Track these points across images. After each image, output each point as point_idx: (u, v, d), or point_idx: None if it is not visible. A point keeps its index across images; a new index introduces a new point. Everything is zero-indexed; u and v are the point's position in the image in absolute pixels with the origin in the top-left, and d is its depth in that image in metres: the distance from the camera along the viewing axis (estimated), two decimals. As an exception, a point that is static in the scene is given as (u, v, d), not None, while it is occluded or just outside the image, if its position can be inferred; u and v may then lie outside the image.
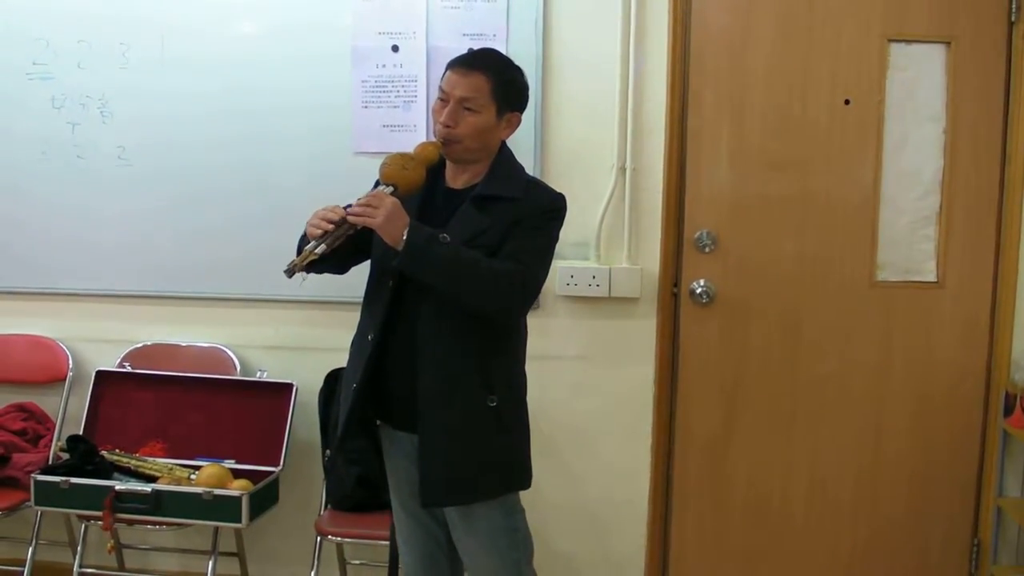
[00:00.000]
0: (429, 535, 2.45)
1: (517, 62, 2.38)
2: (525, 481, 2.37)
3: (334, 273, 2.38)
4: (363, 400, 2.33)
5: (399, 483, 2.46)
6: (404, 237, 2.09)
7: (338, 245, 2.14)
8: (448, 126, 2.22)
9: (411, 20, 3.15)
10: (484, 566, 2.36)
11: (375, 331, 2.28)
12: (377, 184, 2.23)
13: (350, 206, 2.16)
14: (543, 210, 2.27)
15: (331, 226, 2.11)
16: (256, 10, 3.23)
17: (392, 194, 2.16)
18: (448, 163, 2.32)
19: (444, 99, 2.24)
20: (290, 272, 2.12)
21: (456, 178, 2.31)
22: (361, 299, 2.42)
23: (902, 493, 3.20)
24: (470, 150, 2.25)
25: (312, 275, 2.27)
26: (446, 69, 2.27)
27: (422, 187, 2.23)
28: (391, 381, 2.31)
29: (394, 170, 2.17)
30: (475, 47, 3.01)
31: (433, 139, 2.27)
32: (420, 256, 2.11)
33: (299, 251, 2.22)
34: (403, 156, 2.20)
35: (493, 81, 2.24)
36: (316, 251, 2.10)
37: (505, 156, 2.33)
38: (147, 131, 3.28)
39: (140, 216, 3.31)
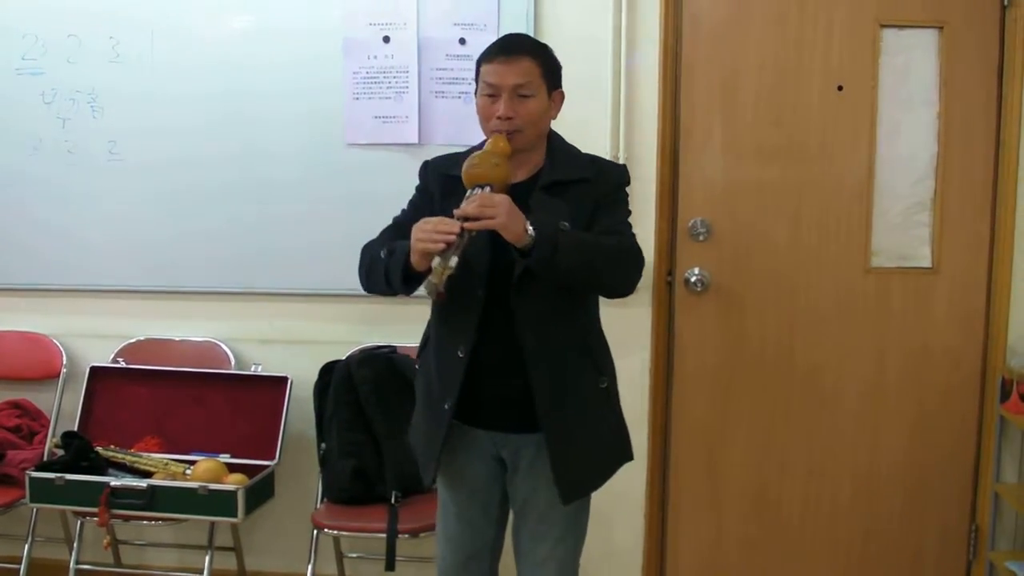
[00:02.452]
0: (477, 534, 2.38)
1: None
2: (631, 452, 2.40)
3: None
4: (454, 416, 2.23)
5: (460, 481, 2.35)
6: (530, 232, 2.01)
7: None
8: (509, 117, 2.14)
9: (402, 10, 3.13)
10: (550, 557, 2.32)
11: (466, 344, 2.17)
12: (451, 190, 2.14)
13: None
14: (619, 185, 2.29)
15: (453, 238, 2.00)
16: (246, 2, 3.21)
17: None
18: None
19: (493, 93, 2.16)
20: (433, 293, 2.02)
21: (514, 172, 2.18)
22: (355, 291, 2.39)
23: (899, 480, 3.20)
24: (530, 138, 2.19)
25: (304, 266, 2.22)
26: (481, 63, 2.20)
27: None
28: (489, 386, 2.21)
29: (486, 169, 2.08)
30: (467, 37, 3.00)
31: (493, 135, 2.17)
32: (554, 246, 2.02)
33: (387, 274, 2.13)
34: (490, 154, 2.11)
35: (540, 63, 2.19)
36: (450, 264, 1.99)
37: (556, 138, 2.29)
38: (138, 125, 3.26)
39: (132, 210, 3.30)
